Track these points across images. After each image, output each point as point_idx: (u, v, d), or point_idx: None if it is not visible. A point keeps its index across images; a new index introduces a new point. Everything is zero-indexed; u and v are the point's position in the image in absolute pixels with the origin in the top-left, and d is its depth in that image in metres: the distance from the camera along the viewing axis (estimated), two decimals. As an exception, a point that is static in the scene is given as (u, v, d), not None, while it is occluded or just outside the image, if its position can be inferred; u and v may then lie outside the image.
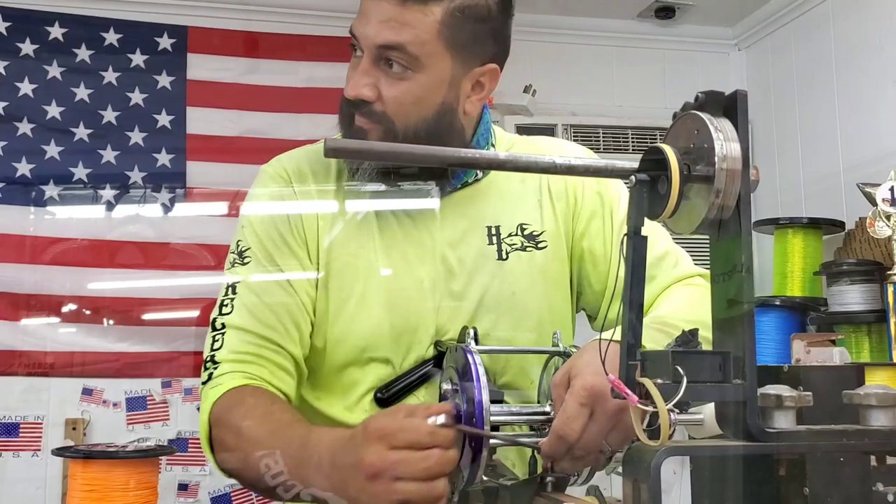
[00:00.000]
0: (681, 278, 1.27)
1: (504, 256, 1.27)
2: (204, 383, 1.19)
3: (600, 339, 0.99)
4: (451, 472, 0.93)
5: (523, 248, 1.28)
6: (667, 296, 1.25)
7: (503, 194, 1.30)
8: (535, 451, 1.02)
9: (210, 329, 1.22)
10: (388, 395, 1.22)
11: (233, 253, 1.26)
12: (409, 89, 1.17)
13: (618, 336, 0.73)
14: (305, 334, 1.23)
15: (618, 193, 1.31)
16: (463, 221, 1.27)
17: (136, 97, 2.95)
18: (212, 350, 1.21)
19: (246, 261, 1.24)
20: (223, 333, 1.20)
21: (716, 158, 0.70)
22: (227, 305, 1.22)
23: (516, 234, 1.28)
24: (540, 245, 1.29)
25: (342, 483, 0.96)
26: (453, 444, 0.93)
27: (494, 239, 1.27)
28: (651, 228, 0.78)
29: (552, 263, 1.29)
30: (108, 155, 2.90)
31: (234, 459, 1.13)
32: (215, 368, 1.19)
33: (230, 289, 1.23)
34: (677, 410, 0.68)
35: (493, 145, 1.31)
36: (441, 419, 0.93)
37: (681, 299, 1.23)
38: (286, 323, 1.21)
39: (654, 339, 1.00)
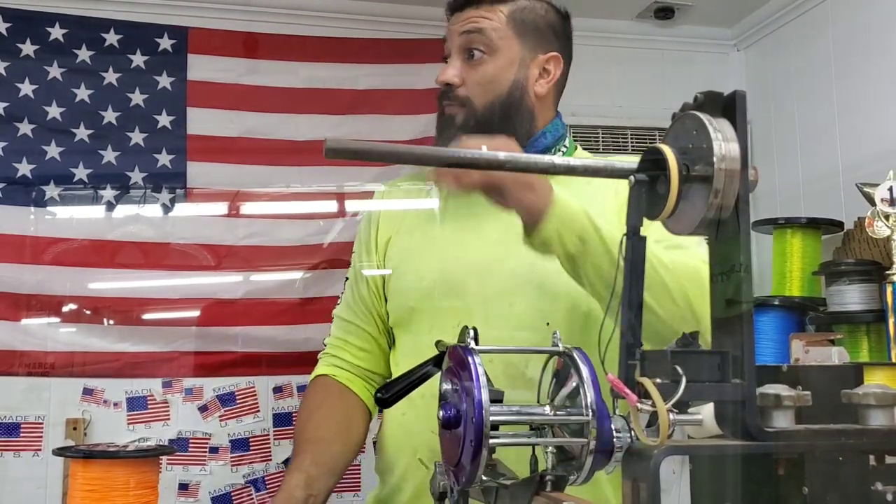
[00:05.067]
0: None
1: None
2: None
3: (601, 333, 0.99)
4: None
5: None
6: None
7: None
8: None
9: None
10: (388, 396, 1.23)
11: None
12: (486, 70, 1.41)
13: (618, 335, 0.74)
14: (381, 315, 1.52)
15: None
16: (505, 214, 1.31)
17: (137, 98, 2.95)
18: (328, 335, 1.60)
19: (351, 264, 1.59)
20: (334, 323, 1.59)
21: (714, 158, 0.71)
22: (340, 302, 1.60)
23: None
24: None
25: None
26: None
27: None
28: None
29: None
30: (109, 155, 2.90)
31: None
32: (324, 348, 1.58)
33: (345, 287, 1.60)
34: (676, 410, 0.68)
35: (561, 149, 1.48)
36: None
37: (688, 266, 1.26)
38: (364, 309, 1.53)
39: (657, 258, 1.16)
